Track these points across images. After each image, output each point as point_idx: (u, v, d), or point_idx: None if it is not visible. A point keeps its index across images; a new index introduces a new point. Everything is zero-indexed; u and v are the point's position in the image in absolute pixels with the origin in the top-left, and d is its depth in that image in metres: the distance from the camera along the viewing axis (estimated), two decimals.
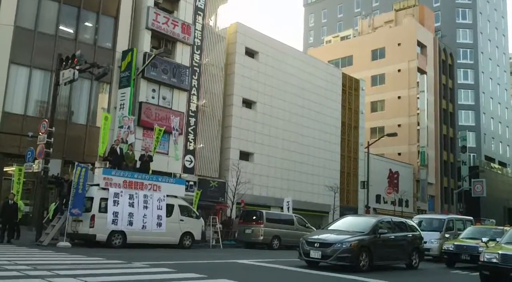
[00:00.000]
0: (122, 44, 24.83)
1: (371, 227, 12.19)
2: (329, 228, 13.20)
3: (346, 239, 11.45)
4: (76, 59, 16.33)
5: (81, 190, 15.62)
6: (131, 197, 16.33)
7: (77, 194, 15.50)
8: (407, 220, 15.09)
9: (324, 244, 11.50)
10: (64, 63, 16.91)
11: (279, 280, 9.86)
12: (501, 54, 70.99)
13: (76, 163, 16.25)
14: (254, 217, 22.32)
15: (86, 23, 24.44)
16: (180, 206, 18.02)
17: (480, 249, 13.41)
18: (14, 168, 19.99)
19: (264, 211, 23.17)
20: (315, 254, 11.47)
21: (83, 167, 15.94)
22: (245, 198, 27.31)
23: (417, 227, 14.93)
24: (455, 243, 15.20)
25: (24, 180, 19.31)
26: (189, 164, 27.57)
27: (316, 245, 11.61)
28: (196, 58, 28.33)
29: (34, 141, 17.90)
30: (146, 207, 16.59)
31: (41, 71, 22.46)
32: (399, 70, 50.36)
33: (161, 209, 17.06)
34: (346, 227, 12.66)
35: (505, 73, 71.96)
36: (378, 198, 42.27)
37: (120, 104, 24.02)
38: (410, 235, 13.66)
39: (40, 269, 8.37)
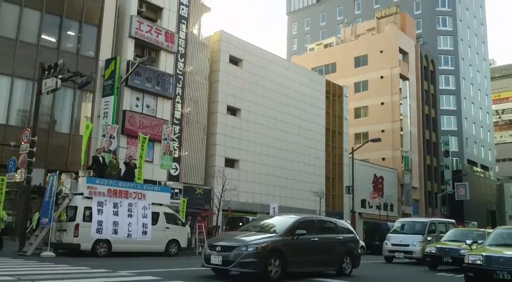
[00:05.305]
0: (105, 52, 24.74)
1: (286, 227, 10.27)
2: (240, 229, 11.74)
3: (252, 241, 9.58)
4: (58, 68, 16.27)
5: (48, 197, 15.62)
6: (115, 205, 16.23)
7: (44, 202, 15.56)
8: (337, 220, 12.86)
9: (226, 248, 9.57)
10: (46, 72, 16.80)
11: None
12: (481, 60, 72.21)
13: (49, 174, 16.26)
14: (240, 224, 22.32)
15: (69, 32, 24.30)
16: (165, 213, 17.97)
17: (461, 251, 13.64)
18: None
19: (250, 218, 23.22)
20: (215, 259, 9.58)
21: (52, 175, 15.97)
22: (231, 204, 27.31)
23: (351, 228, 13.00)
24: (437, 245, 15.39)
25: (7, 189, 18.98)
26: (174, 172, 27.50)
27: (217, 248, 9.67)
28: (180, 66, 28.37)
29: (16, 151, 17.71)
30: (130, 215, 16.50)
31: (23, 81, 22.26)
32: (381, 77, 50.95)
33: (146, 217, 16.97)
34: (262, 228, 10.96)
35: (486, 78, 73.21)
36: (363, 203, 42.59)
37: (104, 113, 23.91)
38: (341, 238, 11.63)
39: (23, 279, 8.25)
